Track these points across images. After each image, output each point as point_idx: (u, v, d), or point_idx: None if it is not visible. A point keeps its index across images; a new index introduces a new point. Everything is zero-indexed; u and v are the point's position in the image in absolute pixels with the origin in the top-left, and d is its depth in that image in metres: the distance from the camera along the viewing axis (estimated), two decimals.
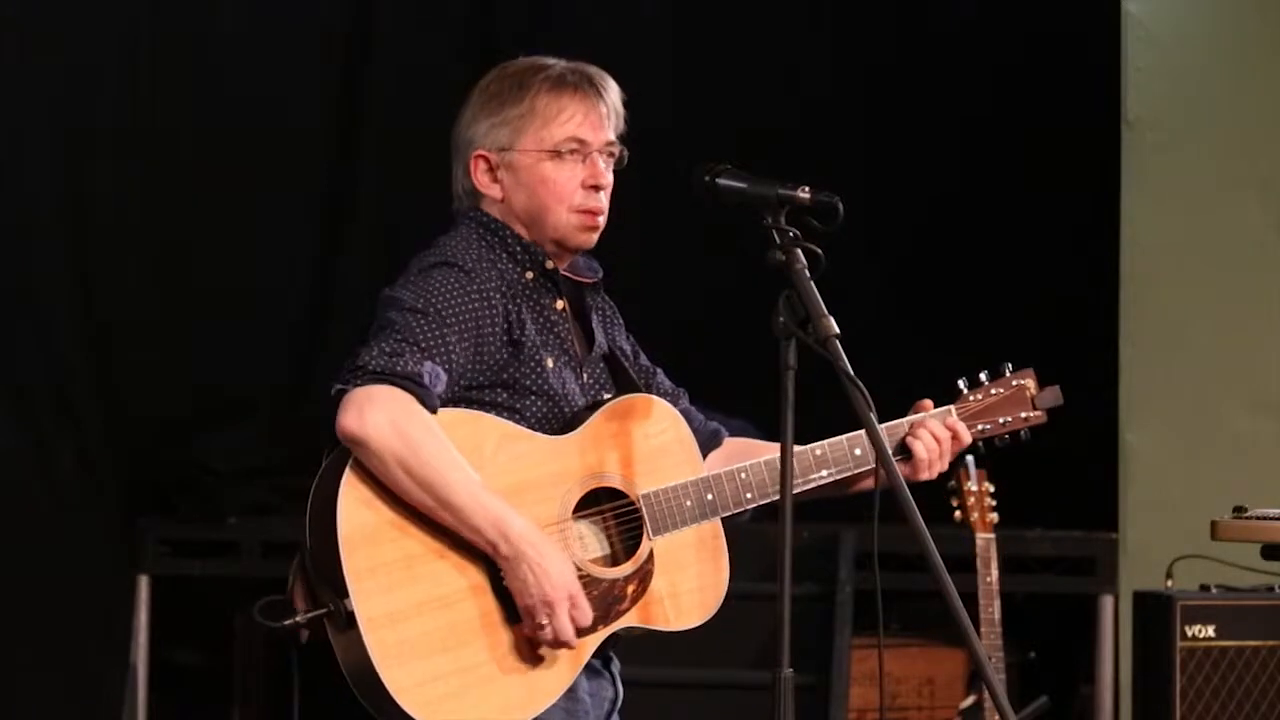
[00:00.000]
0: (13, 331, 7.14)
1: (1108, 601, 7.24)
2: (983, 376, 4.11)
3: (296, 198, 7.70)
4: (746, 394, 4.40)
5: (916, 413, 4.01)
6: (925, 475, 3.98)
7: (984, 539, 5.86)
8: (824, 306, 3.56)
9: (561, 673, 3.70)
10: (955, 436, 4.01)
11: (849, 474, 3.93)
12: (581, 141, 3.85)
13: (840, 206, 3.65)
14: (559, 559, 3.66)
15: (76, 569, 7.18)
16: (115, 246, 7.38)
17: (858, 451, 3.90)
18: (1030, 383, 4.13)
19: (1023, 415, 4.11)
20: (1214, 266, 7.07)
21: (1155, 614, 6.01)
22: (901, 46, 7.87)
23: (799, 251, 3.62)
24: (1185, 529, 5.74)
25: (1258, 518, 4.76)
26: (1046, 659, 7.61)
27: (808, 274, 3.60)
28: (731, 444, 4.06)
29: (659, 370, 4.06)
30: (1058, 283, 7.70)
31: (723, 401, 4.23)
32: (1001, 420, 4.09)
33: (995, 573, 5.85)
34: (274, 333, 7.67)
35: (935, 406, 4.05)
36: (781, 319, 3.58)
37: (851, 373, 3.53)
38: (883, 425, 3.89)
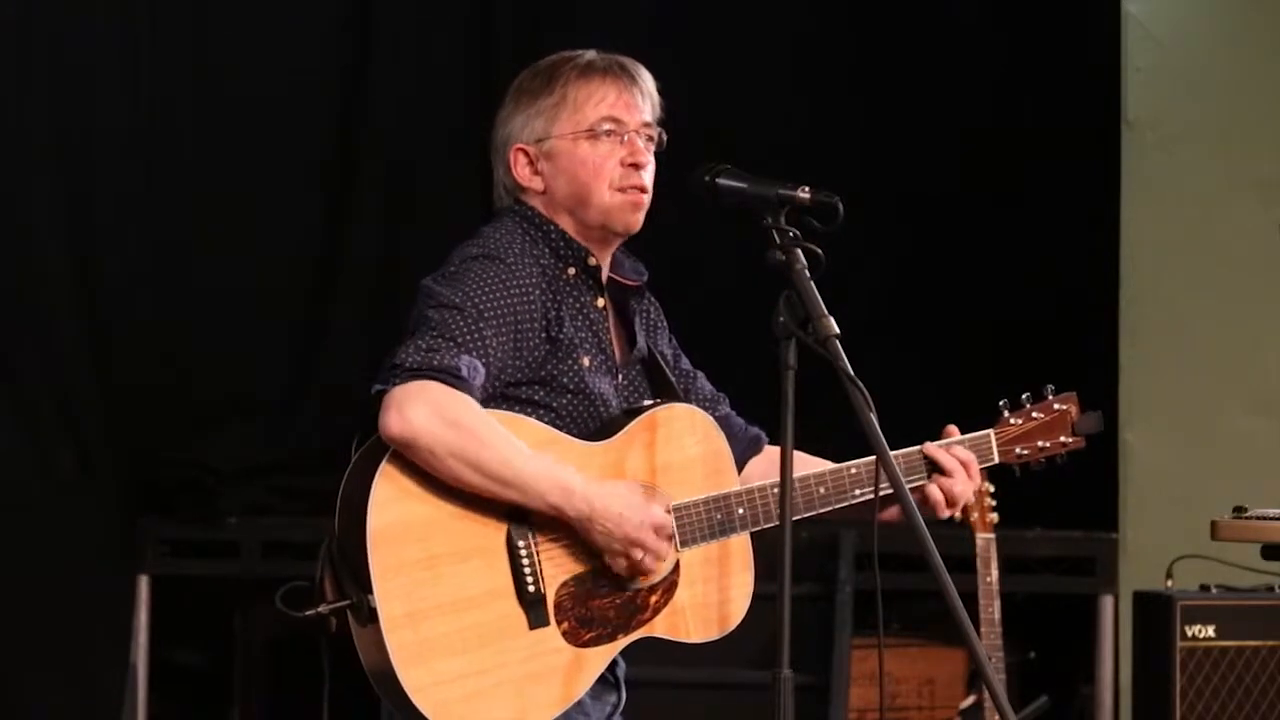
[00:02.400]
0: (13, 331, 7.14)
1: (1108, 601, 7.24)
2: (1024, 399, 4.05)
3: (296, 197, 7.70)
4: (747, 394, 4.38)
5: (944, 438, 3.96)
6: (944, 514, 3.95)
7: (984, 539, 5.86)
8: (824, 306, 3.56)
9: (575, 680, 3.70)
10: (968, 466, 3.94)
11: (883, 494, 3.85)
12: (617, 121, 3.83)
13: (840, 206, 3.65)
14: (626, 497, 3.68)
15: (76, 569, 7.18)
16: (115, 246, 7.38)
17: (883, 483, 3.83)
18: (1072, 407, 4.06)
19: (1062, 440, 4.06)
20: (1214, 266, 7.07)
21: (1155, 614, 6.01)
22: (901, 46, 7.87)
23: (799, 251, 3.62)
24: (1185, 529, 5.74)
25: (1258, 518, 4.75)
26: (1046, 659, 7.61)
27: (808, 274, 3.59)
28: (773, 451, 4.02)
29: (700, 375, 4.05)
30: (1058, 283, 7.70)
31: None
32: (1040, 445, 4.04)
33: (995, 573, 5.85)
34: (274, 333, 7.67)
35: (972, 428, 3.99)
36: (781, 319, 3.57)
37: (851, 373, 3.52)
38: (918, 448, 3.90)
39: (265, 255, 7.60)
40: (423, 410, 3.55)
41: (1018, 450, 4.04)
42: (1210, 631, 5.92)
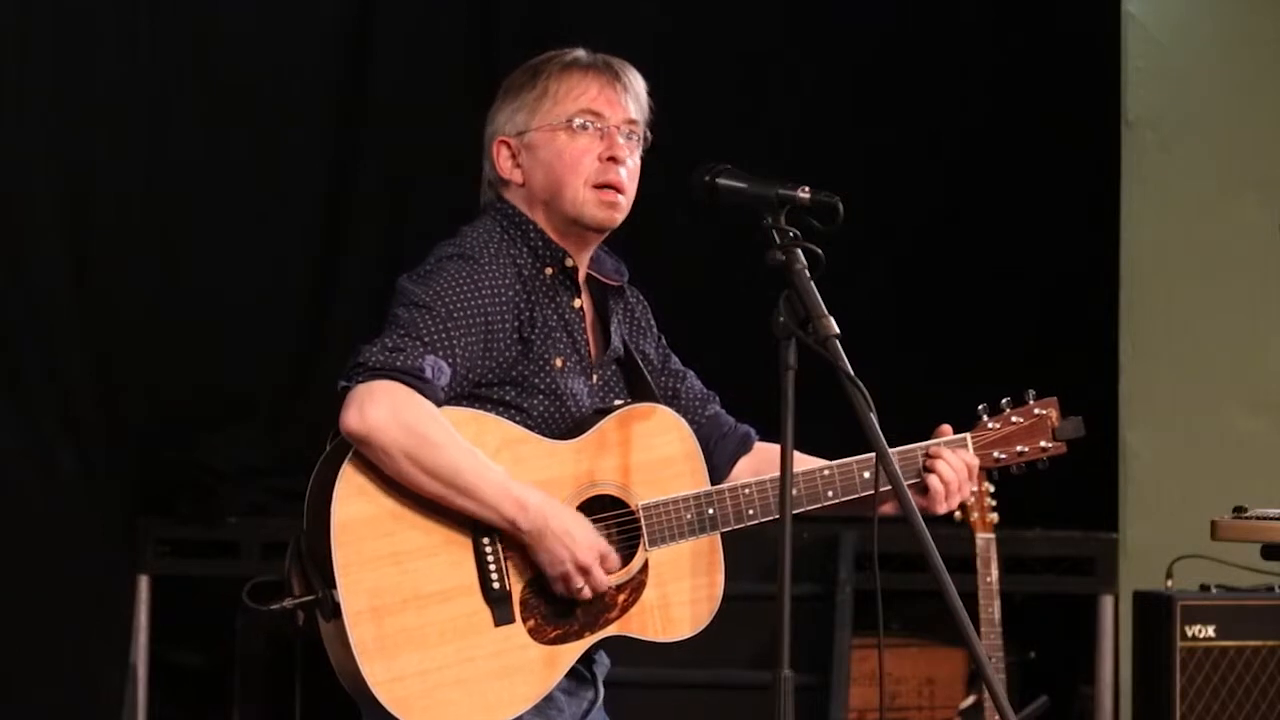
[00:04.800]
0: (13, 331, 7.14)
1: (1108, 601, 7.24)
2: (1004, 403, 4.03)
3: (296, 198, 7.71)
4: (746, 394, 4.38)
5: (935, 438, 3.96)
6: (941, 509, 3.93)
7: (984, 539, 5.86)
8: (824, 306, 3.55)
9: (541, 678, 3.70)
10: (968, 468, 3.94)
11: (854, 498, 3.88)
12: (596, 114, 3.83)
13: (840, 206, 3.64)
14: (580, 522, 3.68)
15: (76, 569, 7.18)
16: (115, 246, 7.38)
17: (866, 475, 3.85)
18: (1053, 412, 4.04)
19: (1042, 445, 4.04)
20: (1214, 266, 7.07)
21: (1155, 614, 6.01)
22: (901, 47, 7.87)
23: (799, 251, 3.61)
24: (1185, 529, 5.74)
25: (1258, 518, 4.75)
26: (1046, 659, 7.61)
27: (807, 274, 3.59)
28: (762, 449, 4.02)
29: (690, 373, 4.04)
30: (1058, 283, 7.71)
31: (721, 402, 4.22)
32: (1019, 449, 4.02)
33: (995, 573, 5.85)
34: (274, 333, 7.67)
35: (966, 429, 3.99)
36: (781, 319, 3.56)
37: (851, 373, 3.51)
38: (898, 449, 3.88)
39: (265, 255, 7.60)
40: (382, 410, 3.57)
41: (995, 454, 4.02)
42: (1210, 631, 5.92)
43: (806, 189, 3.66)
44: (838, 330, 3.54)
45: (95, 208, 7.38)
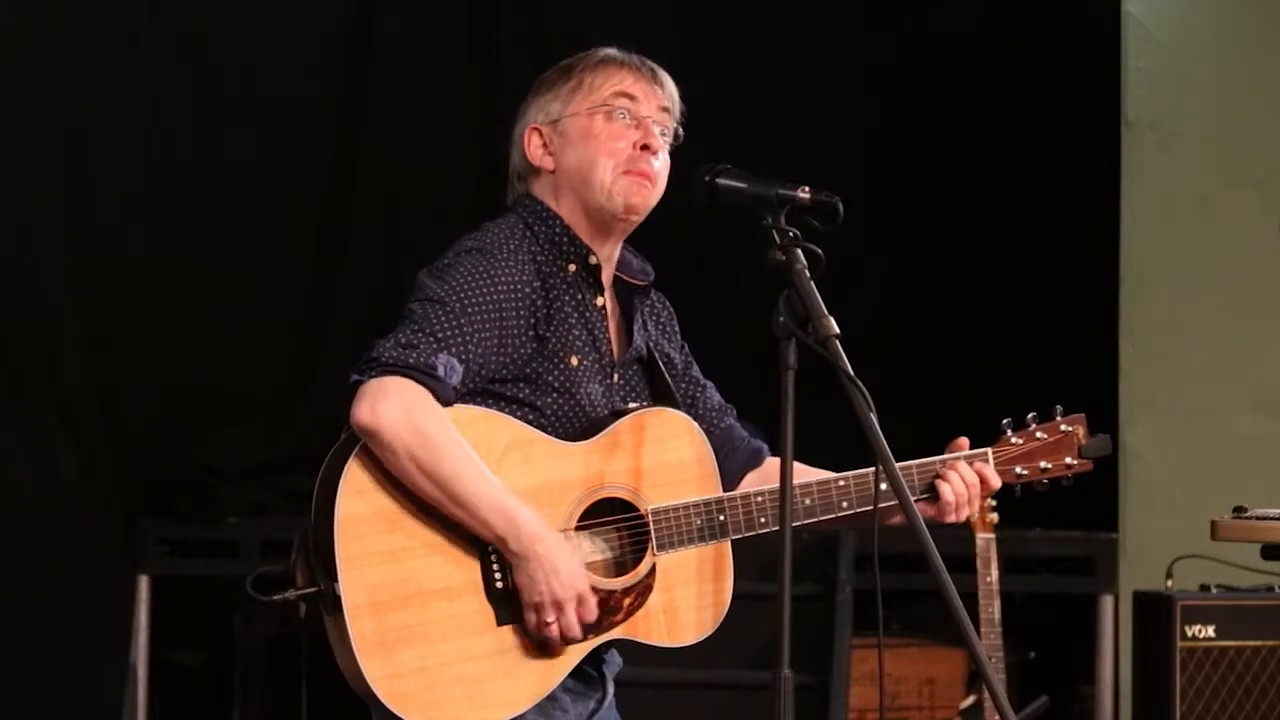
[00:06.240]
0: (13, 332, 7.14)
1: (1108, 601, 7.23)
2: (1030, 418, 4.00)
3: (296, 198, 7.70)
4: (745, 394, 4.38)
5: (952, 451, 3.94)
6: (951, 519, 3.91)
7: (984, 539, 5.86)
8: (824, 306, 3.55)
9: (542, 678, 3.69)
10: (984, 481, 3.93)
11: (870, 509, 3.84)
12: (631, 98, 3.84)
13: (840, 206, 3.64)
14: (569, 558, 3.66)
15: (76, 569, 7.18)
16: (115, 246, 7.38)
17: (882, 486, 3.78)
18: (1079, 429, 4.01)
19: (1067, 462, 4.01)
20: (1214, 266, 7.07)
21: (1155, 614, 6.01)
22: (901, 47, 7.87)
23: (799, 251, 3.60)
24: (1185, 529, 5.74)
25: (1258, 518, 4.75)
26: (1046, 659, 7.61)
27: (807, 274, 3.59)
28: (773, 464, 3.98)
29: (709, 385, 4.03)
30: (1058, 283, 7.71)
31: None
32: (1042, 466, 4.00)
33: (995, 573, 5.85)
34: (274, 333, 7.67)
35: (975, 445, 3.96)
36: (781, 319, 3.56)
37: (851, 373, 3.51)
38: (914, 462, 3.89)
39: (265, 255, 7.60)
40: (394, 408, 3.57)
41: (1017, 470, 4.00)
42: (1210, 631, 5.93)
43: (806, 189, 3.65)
44: (838, 330, 3.53)
45: (95, 207, 7.37)
